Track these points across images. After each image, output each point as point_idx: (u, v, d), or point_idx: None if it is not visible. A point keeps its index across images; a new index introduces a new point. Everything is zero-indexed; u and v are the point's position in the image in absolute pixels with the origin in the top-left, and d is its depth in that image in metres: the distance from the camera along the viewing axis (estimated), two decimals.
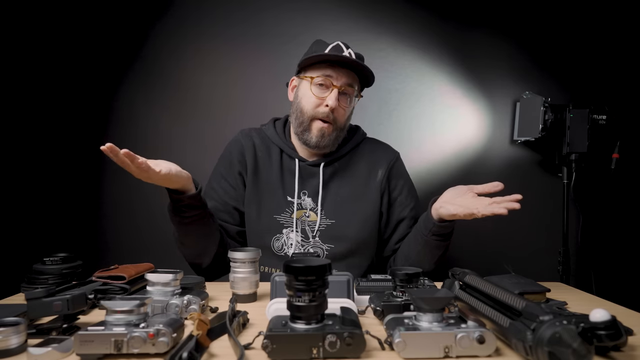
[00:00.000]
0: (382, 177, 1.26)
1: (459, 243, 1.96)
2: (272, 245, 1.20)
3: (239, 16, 1.95)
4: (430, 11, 1.97)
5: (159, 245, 1.90)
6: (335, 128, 1.20)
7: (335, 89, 1.16)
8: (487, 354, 0.60)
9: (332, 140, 1.21)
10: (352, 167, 1.27)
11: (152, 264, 1.05)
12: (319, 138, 1.19)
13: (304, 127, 1.20)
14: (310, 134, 1.19)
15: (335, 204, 1.22)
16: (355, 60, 1.16)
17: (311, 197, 1.22)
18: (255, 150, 1.27)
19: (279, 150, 1.27)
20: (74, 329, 0.70)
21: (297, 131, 1.23)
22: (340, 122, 1.21)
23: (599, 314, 0.52)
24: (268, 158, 1.26)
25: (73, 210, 1.91)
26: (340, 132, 1.23)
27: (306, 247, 1.20)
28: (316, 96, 1.17)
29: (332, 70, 1.17)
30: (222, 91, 1.96)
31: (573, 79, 1.97)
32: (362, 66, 1.17)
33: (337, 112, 1.18)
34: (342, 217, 1.21)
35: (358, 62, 1.16)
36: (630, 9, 1.95)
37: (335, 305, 0.68)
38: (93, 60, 1.92)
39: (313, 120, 1.19)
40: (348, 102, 1.20)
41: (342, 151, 1.27)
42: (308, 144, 1.21)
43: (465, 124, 1.99)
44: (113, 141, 0.83)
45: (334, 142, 1.22)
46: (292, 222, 1.21)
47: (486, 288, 0.69)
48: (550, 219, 1.92)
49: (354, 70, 1.19)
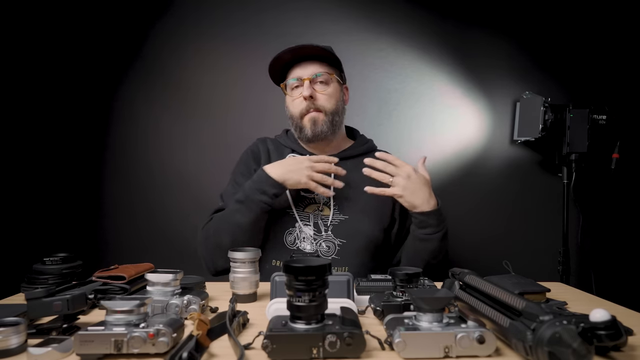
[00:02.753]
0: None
1: (459, 243, 1.96)
2: (284, 239, 1.21)
3: (239, 16, 1.95)
4: (430, 11, 1.97)
5: (159, 245, 1.91)
6: (326, 113, 1.24)
7: (306, 81, 1.22)
8: (487, 354, 0.60)
9: (327, 125, 1.24)
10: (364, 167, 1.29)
11: (152, 264, 1.05)
12: (313, 127, 1.23)
13: (299, 128, 1.26)
14: (305, 130, 1.25)
15: (348, 200, 1.23)
16: (308, 45, 1.21)
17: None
18: (269, 153, 1.33)
19: (291, 151, 1.32)
20: (74, 329, 0.70)
21: (297, 136, 1.29)
22: (328, 106, 1.24)
23: (599, 314, 0.52)
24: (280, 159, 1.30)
25: (73, 210, 1.91)
26: (335, 117, 1.26)
27: (318, 240, 1.21)
28: (294, 97, 1.25)
29: (298, 69, 1.24)
30: (222, 91, 1.96)
31: (573, 79, 1.97)
32: (312, 47, 1.21)
33: (318, 99, 1.23)
34: (355, 213, 1.22)
35: (308, 45, 1.21)
36: (630, 9, 1.95)
37: (335, 305, 0.68)
38: (93, 60, 1.93)
39: (302, 117, 1.25)
40: (326, 87, 1.25)
41: (354, 152, 1.31)
42: (308, 139, 1.26)
43: (465, 124, 1.99)
44: (113, 141, 0.83)
45: (330, 128, 1.25)
46: (306, 216, 1.22)
47: (486, 288, 0.69)
48: (550, 219, 1.92)
49: (321, 59, 1.24)
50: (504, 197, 1.96)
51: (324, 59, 1.26)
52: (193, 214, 1.89)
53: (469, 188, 1.96)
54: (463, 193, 1.96)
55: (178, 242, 1.88)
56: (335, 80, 1.27)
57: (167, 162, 1.93)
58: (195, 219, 1.86)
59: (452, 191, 1.96)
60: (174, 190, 1.93)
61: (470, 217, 1.96)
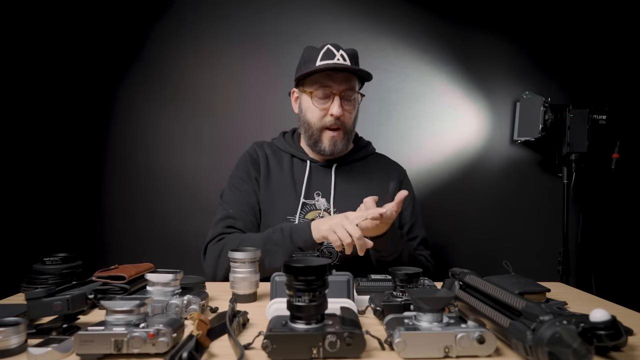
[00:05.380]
0: (393, 189, 1.30)
1: (459, 243, 1.97)
2: None
3: (239, 16, 1.95)
4: (430, 11, 1.97)
5: (159, 245, 1.91)
6: (345, 132, 1.24)
7: (336, 96, 1.18)
8: (487, 354, 0.60)
9: (345, 144, 1.25)
10: (365, 173, 1.30)
11: (152, 264, 1.05)
12: (332, 146, 1.23)
13: (315, 139, 1.24)
14: (322, 145, 1.23)
15: (348, 205, 1.22)
16: (350, 66, 1.18)
17: (325, 197, 1.25)
18: (267, 158, 1.31)
19: (290, 157, 1.31)
20: (74, 329, 0.70)
21: (308, 143, 1.27)
22: (349, 125, 1.24)
23: (599, 314, 0.52)
24: (279, 166, 1.30)
25: (73, 210, 1.91)
26: (351, 133, 1.28)
27: (320, 247, 1.21)
28: (319, 108, 1.21)
29: (328, 79, 1.19)
30: (222, 91, 1.96)
31: (573, 79, 1.97)
32: (357, 70, 1.19)
33: (343, 117, 1.21)
34: None
35: (353, 67, 1.18)
36: (630, 9, 1.95)
37: (335, 305, 0.68)
38: (93, 60, 1.92)
39: (322, 130, 1.22)
40: (351, 104, 1.23)
41: (354, 157, 1.32)
42: (323, 153, 1.25)
43: (465, 124, 1.99)
44: (113, 141, 0.83)
45: (347, 145, 1.27)
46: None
47: (486, 288, 0.69)
48: (550, 219, 1.92)
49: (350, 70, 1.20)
50: (503, 197, 1.96)
51: (360, 72, 1.20)
52: (193, 214, 1.89)
53: (469, 188, 1.96)
54: (463, 193, 1.96)
55: (178, 243, 1.88)
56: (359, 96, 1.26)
57: (167, 162, 1.93)
58: (195, 219, 1.88)
59: (452, 191, 1.96)
60: (174, 190, 1.93)
61: (470, 217, 1.96)
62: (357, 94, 1.23)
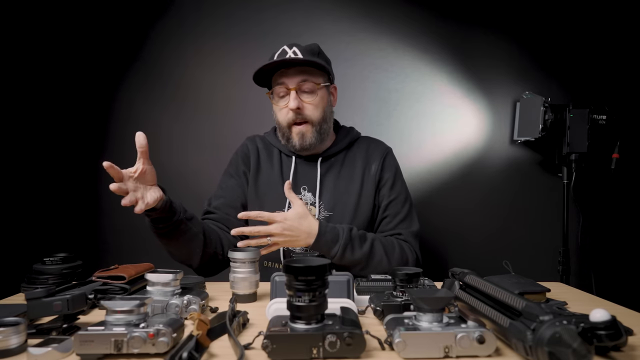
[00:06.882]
0: (375, 170, 1.29)
1: (459, 243, 1.97)
2: None
3: (239, 16, 1.95)
4: (430, 11, 1.96)
5: (158, 245, 1.90)
6: (313, 124, 1.22)
7: (292, 91, 1.19)
8: (487, 354, 0.60)
9: (315, 137, 1.23)
10: (349, 163, 1.30)
11: (152, 264, 1.05)
12: (301, 140, 1.22)
13: (286, 137, 1.25)
14: (292, 141, 1.23)
15: (333, 197, 1.24)
16: (295, 58, 1.17)
17: (311, 191, 1.26)
18: (258, 152, 1.33)
19: (279, 152, 1.32)
20: (74, 329, 0.70)
21: (284, 143, 1.28)
22: (315, 117, 1.22)
23: (599, 314, 0.52)
24: (269, 160, 1.32)
25: (73, 210, 1.91)
26: (323, 125, 1.24)
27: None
28: (280, 106, 1.23)
29: (283, 76, 1.20)
30: (222, 91, 1.96)
31: (573, 79, 1.97)
32: (304, 61, 1.18)
33: (304, 109, 1.20)
34: (338, 209, 1.23)
35: (296, 58, 1.17)
36: (630, 9, 1.95)
37: (335, 305, 0.68)
38: (93, 60, 1.92)
39: (290, 127, 1.23)
40: (313, 96, 1.21)
41: (337, 148, 1.31)
42: (294, 149, 1.26)
43: (465, 124, 1.99)
44: (113, 141, 0.83)
45: (318, 138, 1.24)
46: None
47: (486, 288, 0.69)
48: (550, 219, 1.92)
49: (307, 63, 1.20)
50: (504, 197, 1.96)
51: (310, 62, 1.20)
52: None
53: (469, 188, 1.96)
54: (463, 193, 1.96)
55: None
56: (323, 87, 1.24)
57: (167, 162, 1.93)
58: None
59: (452, 191, 1.96)
60: (174, 190, 1.90)
61: (470, 217, 1.96)
62: (320, 85, 1.22)
